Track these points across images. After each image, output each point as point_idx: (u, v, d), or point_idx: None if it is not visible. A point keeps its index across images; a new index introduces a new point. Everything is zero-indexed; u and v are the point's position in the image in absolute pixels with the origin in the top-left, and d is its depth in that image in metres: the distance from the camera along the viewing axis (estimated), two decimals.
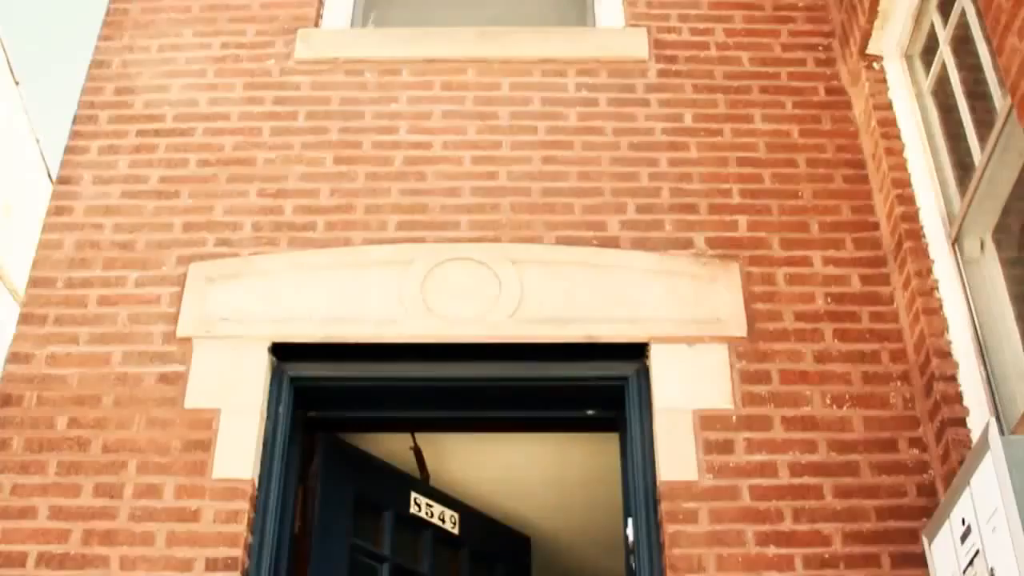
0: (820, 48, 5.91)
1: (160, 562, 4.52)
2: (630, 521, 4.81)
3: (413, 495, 6.15)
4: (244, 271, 5.23)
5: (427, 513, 6.19)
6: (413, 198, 5.44)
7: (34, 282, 5.23)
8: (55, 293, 5.19)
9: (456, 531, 6.38)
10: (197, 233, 5.35)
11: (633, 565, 4.73)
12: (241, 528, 4.60)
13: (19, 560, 4.53)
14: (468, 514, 6.57)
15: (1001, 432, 3.60)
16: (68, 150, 5.66)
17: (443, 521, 6.30)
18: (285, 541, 4.85)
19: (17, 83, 13.28)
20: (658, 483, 4.69)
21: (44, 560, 4.53)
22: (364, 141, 5.62)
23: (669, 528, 4.57)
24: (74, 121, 5.74)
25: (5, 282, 10.76)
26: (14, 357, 5.02)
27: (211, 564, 4.51)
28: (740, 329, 5.02)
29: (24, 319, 5.14)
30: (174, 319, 5.10)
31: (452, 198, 5.44)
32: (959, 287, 4.78)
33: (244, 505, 4.65)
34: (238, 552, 4.54)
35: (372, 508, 5.82)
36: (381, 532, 5.85)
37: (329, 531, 5.40)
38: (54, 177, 5.75)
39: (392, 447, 6.34)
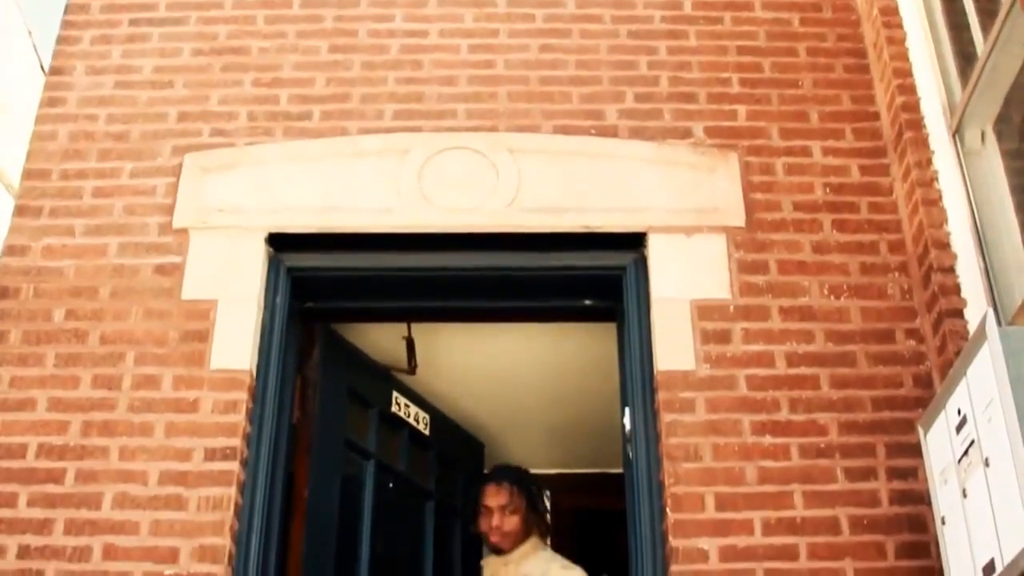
0: None
1: (159, 452, 4.55)
2: (627, 411, 4.83)
3: (395, 394, 6.20)
4: (240, 161, 5.20)
5: (405, 413, 6.27)
6: (409, 87, 5.39)
7: (28, 174, 5.20)
8: (50, 185, 5.16)
9: (427, 432, 6.45)
10: (192, 123, 5.31)
11: (630, 454, 4.76)
12: (240, 418, 4.62)
13: (19, 452, 4.56)
14: (437, 417, 6.67)
15: (999, 323, 3.59)
16: (60, 40, 5.59)
17: (417, 422, 6.38)
18: (284, 431, 4.87)
19: None
20: (655, 373, 4.70)
21: (44, 451, 4.56)
22: (359, 29, 5.56)
23: (666, 417, 4.59)
24: (65, 11, 5.66)
25: (1, 177, 10.71)
26: (10, 250, 5.00)
27: (210, 454, 4.54)
28: (738, 219, 5.00)
29: (19, 211, 5.11)
30: (170, 210, 5.08)
31: (449, 87, 5.39)
32: (959, 178, 4.75)
33: (242, 395, 4.66)
34: (237, 442, 4.56)
35: (361, 403, 5.87)
36: (367, 428, 5.93)
37: (328, 423, 5.45)
38: (47, 69, 5.68)
39: (378, 338, 6.35)
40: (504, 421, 7.49)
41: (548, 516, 5.28)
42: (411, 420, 6.34)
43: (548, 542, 5.23)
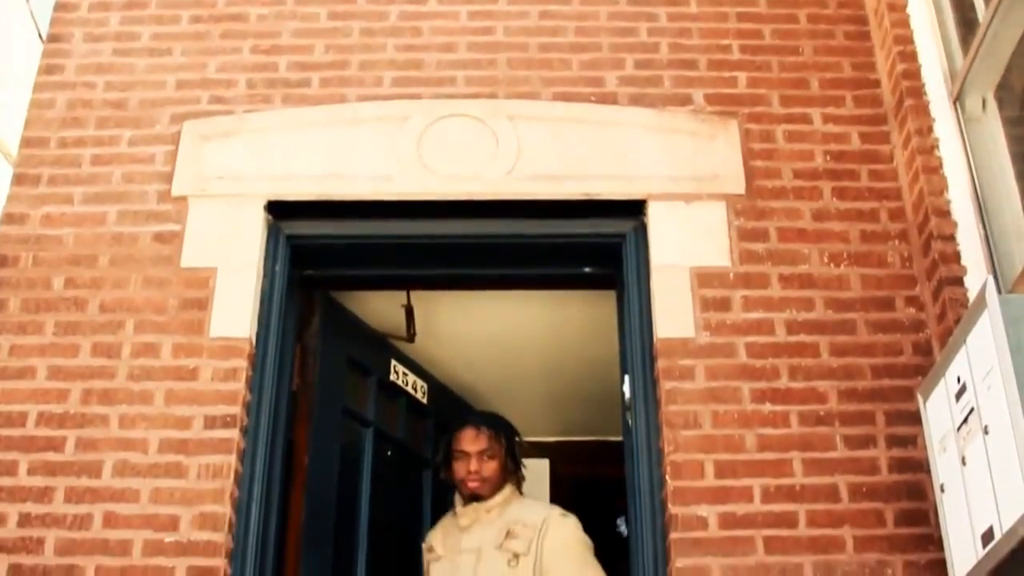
0: None
1: (159, 420, 4.55)
2: (627, 378, 4.83)
3: (393, 362, 6.20)
4: (239, 129, 5.19)
5: (403, 382, 6.27)
6: (408, 54, 5.37)
7: (27, 142, 5.18)
8: (48, 153, 5.14)
9: (425, 401, 6.45)
10: (190, 91, 5.30)
11: (629, 422, 4.76)
12: (239, 386, 4.62)
13: (19, 420, 4.56)
14: (435, 385, 6.68)
15: (999, 291, 3.59)
16: (58, 7, 5.56)
17: (415, 391, 6.38)
18: (284, 399, 4.88)
19: None
20: (655, 340, 4.70)
21: (44, 419, 4.56)
22: None
23: (666, 385, 4.59)
24: None
25: (0, 146, 10.68)
26: (8, 218, 5.00)
27: (210, 422, 4.54)
28: (738, 186, 5.00)
29: (18, 179, 5.10)
30: (169, 178, 5.07)
31: (448, 54, 5.37)
32: (960, 146, 4.74)
33: (242, 363, 4.66)
34: (236, 410, 4.57)
35: (360, 372, 5.88)
36: (366, 396, 5.93)
37: (327, 390, 5.45)
38: (44, 37, 5.66)
39: (377, 305, 6.35)
40: (503, 389, 7.49)
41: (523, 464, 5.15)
42: (409, 388, 6.35)
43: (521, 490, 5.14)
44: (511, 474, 4.99)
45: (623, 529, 7.27)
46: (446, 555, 4.86)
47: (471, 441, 4.97)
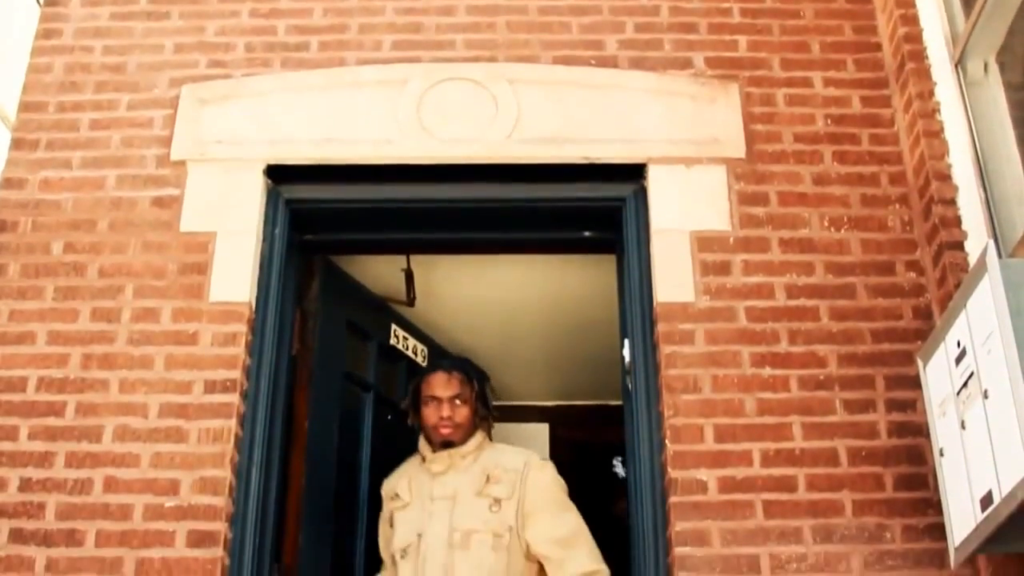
0: None
1: (159, 385, 4.56)
2: (627, 342, 4.83)
3: (393, 326, 6.19)
4: (237, 92, 5.17)
5: (403, 346, 6.25)
6: (407, 17, 5.35)
7: (25, 107, 5.17)
8: (46, 118, 5.13)
9: (425, 365, 6.44)
10: (189, 55, 5.28)
11: (629, 386, 4.77)
12: (239, 350, 4.62)
13: (20, 385, 4.57)
14: (436, 349, 6.66)
15: (999, 255, 3.59)
16: None
17: (415, 355, 6.35)
18: (284, 363, 4.88)
19: None
20: (655, 304, 4.70)
21: (44, 384, 4.56)
22: None
23: (665, 349, 4.59)
24: None
25: None
26: (7, 183, 4.99)
27: (210, 386, 4.55)
28: (739, 150, 4.98)
29: (16, 144, 5.09)
30: (167, 142, 5.05)
31: (447, 16, 5.35)
32: (961, 110, 4.72)
33: (242, 328, 4.67)
34: (236, 374, 4.57)
35: (360, 336, 5.87)
36: (366, 360, 5.92)
37: (327, 355, 5.44)
38: (42, 1, 5.63)
39: (377, 270, 6.34)
40: (502, 353, 7.49)
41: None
42: (409, 352, 6.34)
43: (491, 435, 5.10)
44: (482, 420, 4.95)
45: (619, 470, 7.28)
46: (414, 502, 4.80)
47: (442, 386, 4.91)
